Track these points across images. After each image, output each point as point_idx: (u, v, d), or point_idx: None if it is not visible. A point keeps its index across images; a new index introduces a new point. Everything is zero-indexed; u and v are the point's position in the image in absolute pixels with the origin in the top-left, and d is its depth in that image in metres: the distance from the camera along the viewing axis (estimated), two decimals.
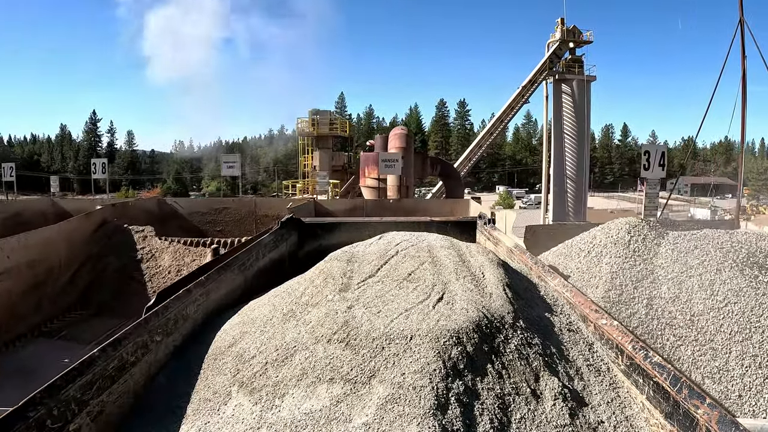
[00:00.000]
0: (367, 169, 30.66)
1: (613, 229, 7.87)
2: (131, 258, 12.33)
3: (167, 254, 12.07)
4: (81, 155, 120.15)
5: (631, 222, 7.99)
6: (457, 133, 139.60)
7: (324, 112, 38.11)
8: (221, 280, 5.38)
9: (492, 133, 40.93)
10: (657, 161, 9.45)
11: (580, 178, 37.89)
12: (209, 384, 4.29)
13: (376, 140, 32.60)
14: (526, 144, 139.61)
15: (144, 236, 12.85)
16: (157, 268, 11.91)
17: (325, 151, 37.29)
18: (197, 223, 16.53)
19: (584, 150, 37.86)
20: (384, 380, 3.93)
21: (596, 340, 4.52)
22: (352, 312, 4.39)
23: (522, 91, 39.75)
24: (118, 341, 4.24)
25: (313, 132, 36.67)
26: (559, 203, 38.02)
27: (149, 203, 16.86)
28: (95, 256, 12.68)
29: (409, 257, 5.01)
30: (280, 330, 4.52)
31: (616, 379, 4.28)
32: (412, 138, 28.47)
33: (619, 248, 7.46)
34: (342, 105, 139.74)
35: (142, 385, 4.33)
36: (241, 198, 18.12)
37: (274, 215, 15.65)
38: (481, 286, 4.66)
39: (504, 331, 4.27)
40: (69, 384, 3.74)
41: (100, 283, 12.13)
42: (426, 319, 4.25)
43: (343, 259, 5.18)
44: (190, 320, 4.86)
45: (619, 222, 8.08)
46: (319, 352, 4.16)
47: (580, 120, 37.51)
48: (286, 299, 4.94)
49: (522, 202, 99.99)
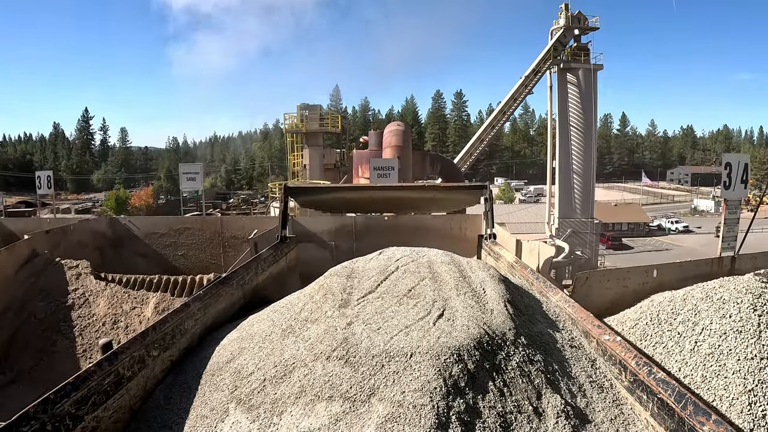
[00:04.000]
0: (361, 168, 29.04)
1: (728, 302, 5.03)
2: (61, 304, 10.40)
3: (103, 299, 10.28)
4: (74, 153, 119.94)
5: (753, 287, 5.07)
6: (455, 125, 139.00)
7: (313, 107, 36.29)
8: (219, 295, 5.34)
9: (494, 126, 40.31)
10: (740, 176, 7.51)
11: (587, 172, 37.04)
12: (206, 400, 4.25)
13: (370, 136, 31.69)
14: (523, 134, 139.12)
15: (78, 274, 10.92)
16: (89, 317, 10.10)
17: (315, 148, 35.30)
18: (156, 247, 14.45)
19: (591, 143, 36.99)
20: (384, 398, 3.90)
21: (599, 356, 4.47)
22: (351, 329, 4.34)
23: (525, 82, 39.06)
24: (114, 355, 4.20)
25: (302, 128, 35.11)
26: (566, 199, 37.28)
27: (98, 224, 14.61)
28: (18, 302, 10.57)
29: (409, 273, 4.96)
30: (279, 346, 4.47)
31: (620, 395, 4.24)
32: (410, 134, 27.03)
33: (747, 340, 4.71)
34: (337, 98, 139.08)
35: (138, 400, 4.30)
36: (205, 218, 15.76)
37: (244, 237, 13.69)
38: (482, 303, 4.61)
39: (505, 348, 4.23)
40: (63, 399, 3.69)
41: (23, 339, 10.15)
42: (426, 336, 4.20)
43: (342, 274, 5.13)
44: (188, 335, 4.81)
45: (731, 286, 5.20)
46: (318, 370, 4.12)
47: (587, 112, 36.60)
48: (285, 315, 4.89)
49: (521, 194, 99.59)
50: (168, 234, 14.48)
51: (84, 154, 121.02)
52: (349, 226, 11.77)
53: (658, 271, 6.02)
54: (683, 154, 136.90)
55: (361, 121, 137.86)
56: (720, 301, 4.76)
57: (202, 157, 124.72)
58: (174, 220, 15.32)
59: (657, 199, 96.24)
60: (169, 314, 4.60)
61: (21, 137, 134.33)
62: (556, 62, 37.72)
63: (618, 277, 5.98)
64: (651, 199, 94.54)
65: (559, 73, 38.02)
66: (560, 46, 37.78)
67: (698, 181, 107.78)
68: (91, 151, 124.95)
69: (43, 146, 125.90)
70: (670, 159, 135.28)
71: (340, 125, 37.45)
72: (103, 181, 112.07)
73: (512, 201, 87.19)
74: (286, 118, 36.01)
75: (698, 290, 4.88)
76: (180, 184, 16.55)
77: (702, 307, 4.75)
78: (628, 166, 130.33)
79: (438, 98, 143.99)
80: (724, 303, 4.73)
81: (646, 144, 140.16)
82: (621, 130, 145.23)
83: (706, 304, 4.74)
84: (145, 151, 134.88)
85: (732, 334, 4.49)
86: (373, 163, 13.38)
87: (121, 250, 14.28)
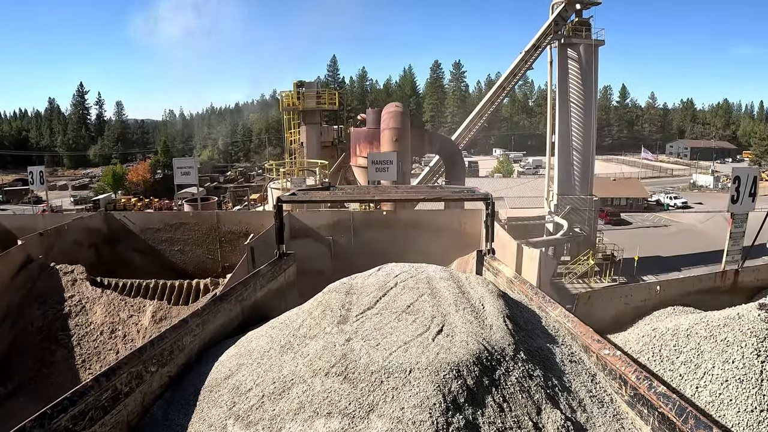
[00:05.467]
0: (359, 147, 28.90)
1: (732, 346, 4.65)
2: (57, 312, 10.22)
3: (99, 307, 10.07)
4: (70, 129, 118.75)
5: (758, 329, 4.67)
6: (453, 95, 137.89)
7: (310, 84, 35.58)
8: (218, 311, 5.30)
9: (493, 102, 39.93)
10: (748, 189, 7.17)
11: (587, 149, 36.82)
12: (204, 417, 4.24)
13: (368, 114, 30.95)
14: (522, 105, 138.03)
15: (74, 280, 10.67)
16: (87, 325, 9.89)
17: (312, 126, 34.89)
18: (152, 242, 14.42)
19: (591, 120, 36.64)
20: (383, 415, 3.88)
21: (599, 370, 4.46)
22: (350, 345, 4.31)
23: (525, 57, 38.50)
24: (111, 371, 4.18)
25: (299, 106, 34.55)
26: (565, 175, 37.15)
27: (93, 221, 14.32)
28: (16, 310, 10.39)
29: (408, 289, 4.92)
30: (278, 362, 4.45)
31: (620, 410, 4.23)
32: (408, 116, 26.34)
33: (748, 391, 4.42)
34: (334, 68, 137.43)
35: (136, 416, 4.28)
36: (200, 212, 15.59)
37: (241, 232, 13.99)
38: (481, 318, 4.58)
39: (505, 363, 4.21)
40: (60, 414, 3.68)
41: (21, 348, 9.90)
42: (425, 351, 4.18)
43: (341, 290, 5.10)
44: (186, 351, 4.79)
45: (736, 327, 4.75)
46: (317, 386, 4.10)
47: (588, 88, 36.17)
48: (283, 331, 4.86)
49: (520, 166, 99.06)
50: (163, 229, 14.35)
51: (80, 129, 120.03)
52: (347, 221, 11.60)
53: (661, 288, 5.95)
54: (683, 127, 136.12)
55: (359, 92, 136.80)
56: (723, 343, 4.60)
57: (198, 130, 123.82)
58: (169, 215, 15.30)
59: (656, 172, 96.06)
60: (167, 330, 4.57)
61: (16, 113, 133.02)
62: (557, 37, 37.25)
63: (620, 294, 5.86)
64: (650, 172, 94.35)
65: (559, 48, 37.57)
66: (561, 21, 37.23)
67: (697, 156, 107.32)
68: (87, 126, 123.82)
69: (38, 122, 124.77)
70: (669, 132, 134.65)
71: (338, 101, 36.85)
72: (99, 156, 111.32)
73: (511, 174, 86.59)
74: (282, 95, 35.39)
75: (702, 327, 4.71)
76: (174, 179, 16.21)
77: (705, 347, 4.64)
78: (628, 139, 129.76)
79: (436, 68, 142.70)
80: (727, 346, 4.57)
81: (645, 116, 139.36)
82: (620, 102, 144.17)
83: (709, 344, 4.63)
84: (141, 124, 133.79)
85: (734, 383, 4.35)
86: (371, 158, 13.13)
87: (117, 246, 14.18)
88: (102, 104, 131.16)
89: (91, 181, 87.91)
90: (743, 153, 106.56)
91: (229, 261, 13.87)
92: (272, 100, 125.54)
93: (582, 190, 37.28)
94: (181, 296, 10.10)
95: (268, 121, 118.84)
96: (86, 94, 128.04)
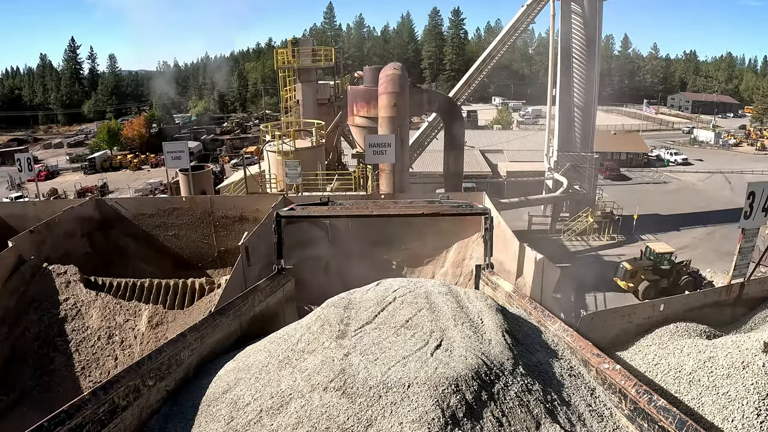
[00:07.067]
0: (356, 106, 27.96)
1: (734, 402, 4.53)
2: (53, 316, 9.98)
3: (95, 311, 9.83)
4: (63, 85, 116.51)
5: (761, 385, 4.55)
6: (452, 43, 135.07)
7: (305, 40, 34.81)
8: (216, 326, 5.24)
9: (494, 56, 38.99)
10: (762, 204, 6.77)
11: (588, 105, 36.04)
12: (202, 431, 4.22)
13: (365, 72, 30.02)
14: (522, 53, 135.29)
15: (67, 282, 10.38)
16: (84, 330, 9.68)
17: (308, 84, 34.29)
18: (145, 227, 14.18)
19: (593, 76, 35.68)
20: (381, 430, 3.87)
21: (598, 384, 4.44)
22: (348, 359, 4.28)
23: (527, 11, 37.30)
24: (109, 384, 4.15)
25: (294, 64, 33.70)
26: (566, 132, 36.45)
27: (84, 209, 13.88)
28: (11, 314, 10.08)
29: (406, 303, 4.86)
30: (276, 377, 4.42)
31: (620, 424, 4.23)
32: (407, 77, 25.62)
33: None
34: (331, 15, 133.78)
35: (133, 430, 4.28)
36: (194, 197, 15.14)
37: (235, 216, 13.93)
38: (479, 333, 4.54)
39: (503, 377, 4.18)
40: (57, 426, 3.68)
41: (21, 355, 9.67)
42: (424, 366, 4.15)
43: (340, 305, 5.03)
44: (184, 365, 4.75)
45: (740, 380, 4.65)
46: (315, 401, 4.08)
47: (591, 44, 35.01)
48: (282, 346, 4.82)
49: (519, 116, 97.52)
50: (157, 214, 14.20)
51: (73, 85, 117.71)
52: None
53: (665, 305, 5.82)
54: (685, 79, 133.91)
55: (356, 39, 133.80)
56: (725, 398, 4.48)
57: (193, 81, 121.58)
58: (162, 201, 15.01)
59: (656, 125, 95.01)
60: (165, 344, 4.53)
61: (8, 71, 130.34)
62: None
63: (623, 314, 5.68)
64: (651, 125, 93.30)
65: (562, 1, 36.40)
66: None
67: (699, 109, 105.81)
68: (80, 81, 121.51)
69: (31, 80, 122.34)
70: (671, 84, 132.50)
71: (334, 58, 35.93)
72: (94, 111, 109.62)
73: (510, 125, 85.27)
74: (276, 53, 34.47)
75: (704, 375, 4.64)
76: (165, 163, 15.81)
77: (706, 400, 4.53)
78: (629, 89, 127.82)
79: (435, 15, 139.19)
80: (729, 402, 4.45)
81: (647, 67, 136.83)
82: (622, 52, 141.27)
83: (710, 397, 4.53)
84: (135, 76, 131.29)
85: None
86: (368, 140, 12.76)
87: (110, 232, 14.03)
88: (94, 58, 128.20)
89: (86, 137, 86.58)
90: (745, 108, 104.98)
91: (224, 245, 13.83)
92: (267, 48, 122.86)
93: (583, 147, 36.77)
94: (176, 297, 10.01)
95: (264, 70, 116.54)
96: (78, 48, 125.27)
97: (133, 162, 64.34)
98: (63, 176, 59.15)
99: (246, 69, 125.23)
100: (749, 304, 6.83)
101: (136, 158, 65.66)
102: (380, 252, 12.21)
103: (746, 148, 68.90)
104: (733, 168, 52.31)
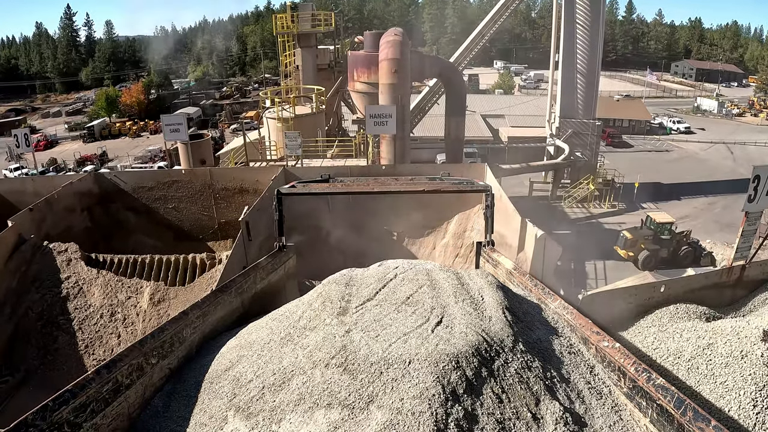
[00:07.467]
0: (357, 71, 27.88)
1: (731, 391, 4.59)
2: (56, 295, 9.91)
3: (97, 288, 9.77)
4: (60, 53, 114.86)
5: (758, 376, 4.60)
6: (454, 5, 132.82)
7: (305, 5, 34.43)
8: (218, 303, 5.24)
9: (496, 21, 38.41)
10: (766, 188, 6.81)
11: (591, 72, 35.61)
12: (205, 408, 4.28)
13: (365, 37, 29.65)
14: (525, 17, 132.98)
15: (69, 259, 10.33)
16: (86, 308, 9.64)
17: (307, 50, 33.75)
18: (145, 200, 14.09)
19: (597, 43, 35.14)
20: (382, 406, 3.92)
21: (598, 362, 4.46)
22: (350, 336, 4.29)
23: None
24: (112, 363, 4.18)
25: (293, 29, 33.10)
26: (568, 98, 36.24)
27: (83, 184, 13.70)
28: (13, 294, 10.02)
29: (407, 280, 4.86)
30: (278, 354, 4.44)
31: (619, 401, 4.27)
32: (408, 43, 25.14)
33: None
34: None
35: (137, 408, 4.33)
36: (193, 170, 15.10)
37: (235, 188, 13.90)
38: (480, 310, 4.54)
39: (504, 354, 4.20)
40: (62, 406, 3.71)
41: (24, 335, 9.65)
42: (425, 343, 4.16)
43: (341, 282, 5.02)
44: (187, 343, 4.77)
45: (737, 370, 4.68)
46: (317, 377, 4.11)
47: (595, 8, 34.67)
48: (283, 323, 4.83)
49: (521, 80, 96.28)
50: (156, 187, 14.13)
51: (70, 53, 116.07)
52: (346, 175, 11.32)
53: (666, 286, 5.78)
54: (689, 47, 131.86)
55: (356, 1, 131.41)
56: (722, 387, 4.51)
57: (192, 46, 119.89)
58: (161, 174, 14.88)
59: (659, 92, 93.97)
60: (167, 322, 4.54)
61: (4, 41, 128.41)
62: None
63: (624, 295, 5.69)
64: (654, 92, 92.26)
65: None
66: None
67: (703, 78, 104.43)
68: (77, 49, 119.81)
69: (27, 49, 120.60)
70: (675, 51, 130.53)
71: (334, 22, 35.25)
72: (92, 78, 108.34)
73: (512, 89, 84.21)
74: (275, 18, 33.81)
75: (703, 363, 4.62)
76: (164, 136, 15.71)
77: (703, 388, 4.55)
78: (632, 56, 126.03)
79: None
80: (726, 392, 4.47)
81: (651, 33, 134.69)
82: (626, 17, 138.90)
83: (708, 385, 4.56)
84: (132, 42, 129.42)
85: None
86: (369, 110, 12.57)
87: (110, 206, 13.97)
88: (91, 25, 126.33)
89: (85, 105, 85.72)
90: (749, 78, 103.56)
91: (225, 217, 13.80)
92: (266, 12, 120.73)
93: (585, 114, 36.46)
94: (177, 273, 9.99)
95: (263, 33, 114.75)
96: (74, 15, 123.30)
97: (132, 129, 63.79)
98: (62, 145, 58.69)
99: (245, 33, 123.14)
100: (749, 286, 6.80)
101: (135, 125, 65.06)
102: (380, 222, 12.23)
103: (749, 119, 68.13)
104: (736, 139, 51.86)
